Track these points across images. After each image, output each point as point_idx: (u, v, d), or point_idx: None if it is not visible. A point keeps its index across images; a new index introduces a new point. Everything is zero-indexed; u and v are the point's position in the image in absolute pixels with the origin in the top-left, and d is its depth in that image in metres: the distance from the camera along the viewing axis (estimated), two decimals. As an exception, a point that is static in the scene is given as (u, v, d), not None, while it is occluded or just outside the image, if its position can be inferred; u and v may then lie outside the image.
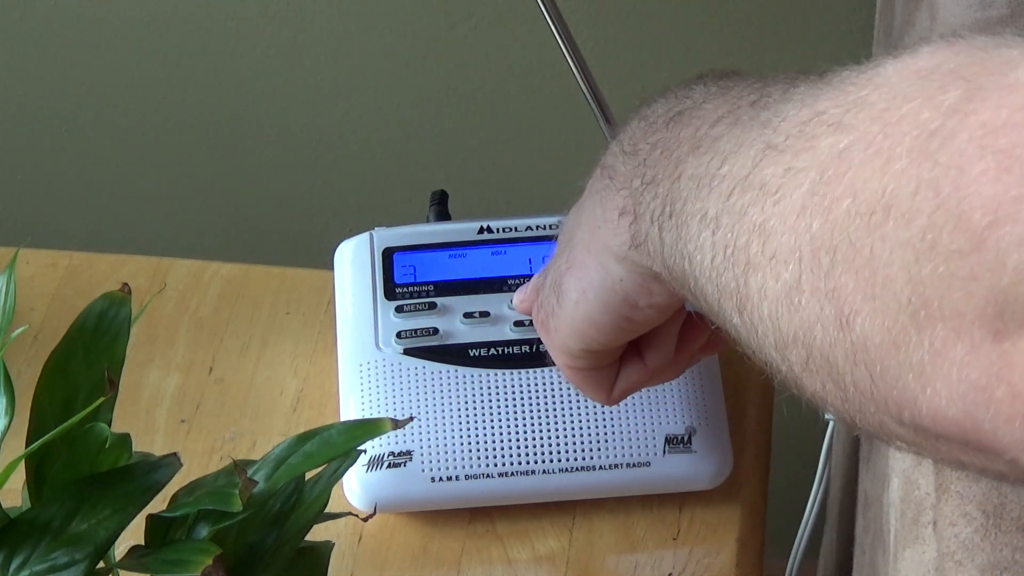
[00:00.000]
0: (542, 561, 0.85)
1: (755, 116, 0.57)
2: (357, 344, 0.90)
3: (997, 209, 0.43)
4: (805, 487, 1.07)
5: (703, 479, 0.87)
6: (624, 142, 0.69)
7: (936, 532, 0.63)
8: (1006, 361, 0.44)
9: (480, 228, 0.93)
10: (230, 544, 0.62)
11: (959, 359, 0.45)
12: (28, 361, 0.91)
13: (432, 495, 0.85)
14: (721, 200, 0.56)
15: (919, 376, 0.47)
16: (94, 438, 0.60)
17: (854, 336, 0.49)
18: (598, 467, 0.86)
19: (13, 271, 0.64)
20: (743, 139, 0.56)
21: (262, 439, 0.90)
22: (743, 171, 0.54)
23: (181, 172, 1.47)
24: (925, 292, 0.46)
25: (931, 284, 0.45)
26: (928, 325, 0.46)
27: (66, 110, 1.44)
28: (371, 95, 1.39)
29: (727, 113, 0.59)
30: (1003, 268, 0.43)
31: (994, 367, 0.45)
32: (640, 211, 0.65)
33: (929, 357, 0.46)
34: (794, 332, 0.52)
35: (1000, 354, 0.44)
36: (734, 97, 0.60)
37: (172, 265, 1.00)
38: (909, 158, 0.46)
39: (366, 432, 0.63)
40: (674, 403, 0.87)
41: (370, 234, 0.94)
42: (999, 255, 0.43)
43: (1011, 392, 0.44)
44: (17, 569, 0.58)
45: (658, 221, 0.62)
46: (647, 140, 0.66)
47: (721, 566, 0.84)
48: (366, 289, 0.91)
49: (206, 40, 1.37)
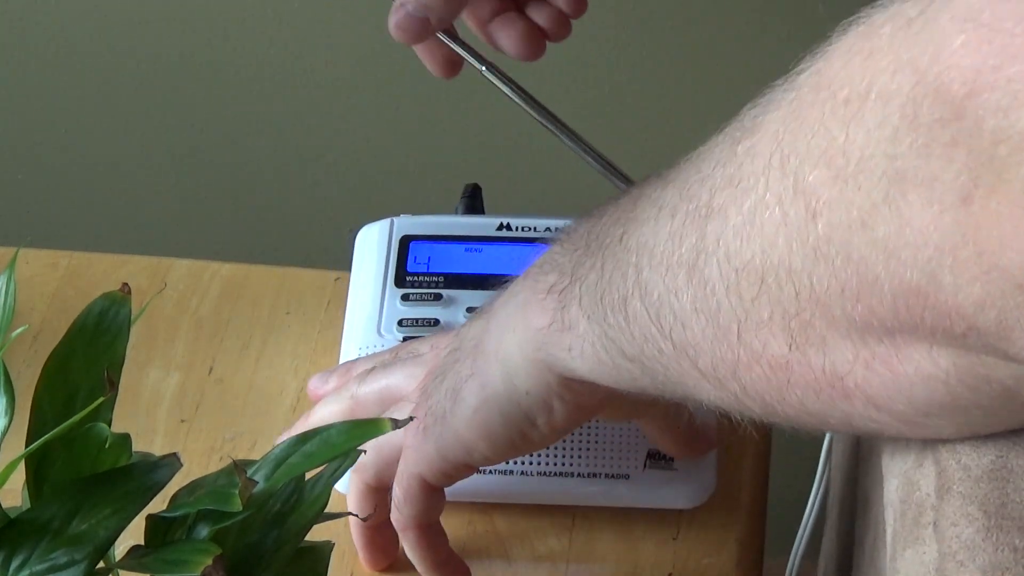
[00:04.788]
0: (542, 561, 0.85)
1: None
2: (361, 328, 0.90)
3: (976, 78, 0.45)
4: (805, 487, 1.07)
5: (681, 498, 0.85)
6: (544, 265, 0.71)
7: (937, 532, 0.63)
8: (973, 222, 0.46)
9: (500, 224, 0.93)
10: (230, 544, 0.62)
11: (927, 223, 0.46)
12: (28, 361, 0.91)
13: None
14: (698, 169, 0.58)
15: (883, 250, 0.48)
16: (94, 438, 0.60)
17: (820, 228, 0.50)
18: (577, 474, 0.85)
19: (13, 271, 0.64)
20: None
21: (262, 439, 0.90)
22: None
23: (181, 172, 1.47)
24: (901, 165, 0.47)
25: (908, 156, 0.47)
26: (899, 195, 0.47)
27: (66, 110, 1.44)
28: (371, 95, 1.39)
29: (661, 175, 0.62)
30: (981, 133, 0.45)
31: (961, 228, 0.46)
32: (574, 281, 0.67)
33: (896, 228, 0.47)
34: (752, 255, 0.54)
35: (968, 215, 0.46)
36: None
37: (172, 265, 1.00)
38: (890, 45, 0.48)
39: (366, 432, 0.63)
40: None
41: (391, 220, 0.94)
42: (977, 121, 0.45)
43: (976, 251, 0.46)
44: (17, 569, 0.58)
45: (596, 270, 0.65)
46: (571, 245, 0.69)
47: (721, 566, 0.84)
48: (378, 274, 0.91)
49: (207, 39, 1.37)
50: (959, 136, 0.45)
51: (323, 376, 0.86)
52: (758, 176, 0.53)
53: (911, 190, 0.47)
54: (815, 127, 0.51)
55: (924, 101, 0.46)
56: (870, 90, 0.48)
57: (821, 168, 0.50)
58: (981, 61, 0.45)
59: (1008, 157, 0.44)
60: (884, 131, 0.48)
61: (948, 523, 0.62)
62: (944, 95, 0.46)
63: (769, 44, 1.32)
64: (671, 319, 0.60)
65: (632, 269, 0.62)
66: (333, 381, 0.85)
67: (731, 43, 1.34)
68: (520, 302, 0.71)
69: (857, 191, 0.49)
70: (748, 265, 0.54)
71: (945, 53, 0.45)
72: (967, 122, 0.45)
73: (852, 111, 0.49)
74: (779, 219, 0.52)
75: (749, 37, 1.34)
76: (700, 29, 1.34)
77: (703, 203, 0.57)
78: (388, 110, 1.41)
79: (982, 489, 0.61)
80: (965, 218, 0.46)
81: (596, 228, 0.67)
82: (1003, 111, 0.44)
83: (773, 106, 0.54)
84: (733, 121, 0.57)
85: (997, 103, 0.44)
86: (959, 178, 0.46)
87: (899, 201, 0.47)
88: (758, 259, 0.54)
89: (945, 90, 0.45)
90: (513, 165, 1.43)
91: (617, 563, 0.85)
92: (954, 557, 0.70)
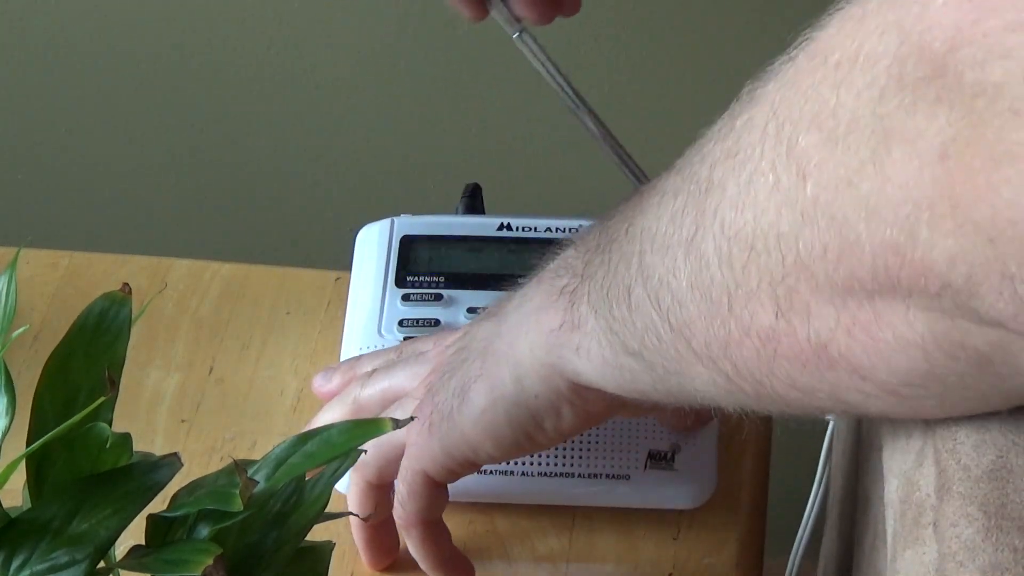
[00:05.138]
0: (542, 561, 0.85)
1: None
2: (361, 328, 0.90)
3: (956, 35, 0.46)
4: (805, 487, 1.07)
5: (681, 499, 0.85)
6: (558, 269, 0.71)
7: (937, 533, 0.63)
8: (949, 176, 0.46)
9: (500, 224, 0.93)
10: (230, 544, 0.62)
11: (908, 179, 0.48)
12: (28, 361, 0.91)
13: None
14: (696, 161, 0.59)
15: (865, 207, 0.49)
16: (94, 438, 0.60)
17: (808, 190, 0.51)
18: (577, 475, 0.85)
19: (13, 271, 0.64)
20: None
21: (262, 439, 0.90)
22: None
23: (181, 172, 1.47)
24: (887, 124, 0.48)
25: (895, 115, 0.48)
26: (885, 152, 0.48)
27: (66, 110, 1.44)
28: (371, 95, 1.39)
29: (671, 175, 0.62)
30: (961, 87, 0.46)
31: (939, 182, 0.47)
32: (584, 280, 0.68)
33: (879, 184, 0.48)
34: (744, 223, 0.54)
35: (945, 170, 0.47)
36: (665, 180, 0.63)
37: (172, 265, 1.00)
38: (878, 8, 0.49)
39: (366, 432, 0.63)
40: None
41: (391, 220, 0.94)
42: (957, 76, 0.46)
43: (951, 205, 0.47)
44: (17, 569, 0.58)
45: (609, 269, 0.65)
46: (584, 247, 0.69)
47: (721, 566, 0.84)
48: (379, 274, 0.91)
49: (207, 39, 1.37)
50: (942, 92, 0.46)
51: (326, 374, 0.86)
52: (754, 146, 0.54)
53: (896, 147, 0.48)
54: (808, 92, 0.52)
55: (909, 60, 0.47)
56: (859, 53, 0.49)
57: (812, 132, 0.51)
58: (960, 17, 0.46)
59: (984, 111, 0.45)
60: (872, 91, 0.49)
61: (948, 523, 0.62)
62: (927, 53, 0.47)
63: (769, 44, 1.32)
64: (669, 299, 0.61)
65: (636, 257, 0.63)
66: (336, 379, 0.85)
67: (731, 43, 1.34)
68: (534, 307, 0.71)
69: (846, 151, 0.50)
70: (740, 233, 0.55)
71: (928, 12, 0.47)
72: (949, 78, 0.46)
73: (842, 74, 0.50)
74: (771, 185, 0.53)
75: (749, 37, 1.34)
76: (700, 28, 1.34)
77: (703, 179, 0.58)
78: (388, 110, 1.41)
79: (982, 489, 0.61)
80: (942, 173, 0.47)
81: (607, 227, 0.67)
82: (979, 64, 0.45)
83: (770, 77, 0.56)
84: (734, 100, 0.58)
85: (974, 57, 0.45)
86: (940, 134, 0.47)
87: (884, 158, 0.48)
88: (749, 227, 0.55)
89: (928, 48, 0.47)
90: (513, 165, 1.43)
91: (617, 563, 0.85)
92: (954, 557, 0.70)
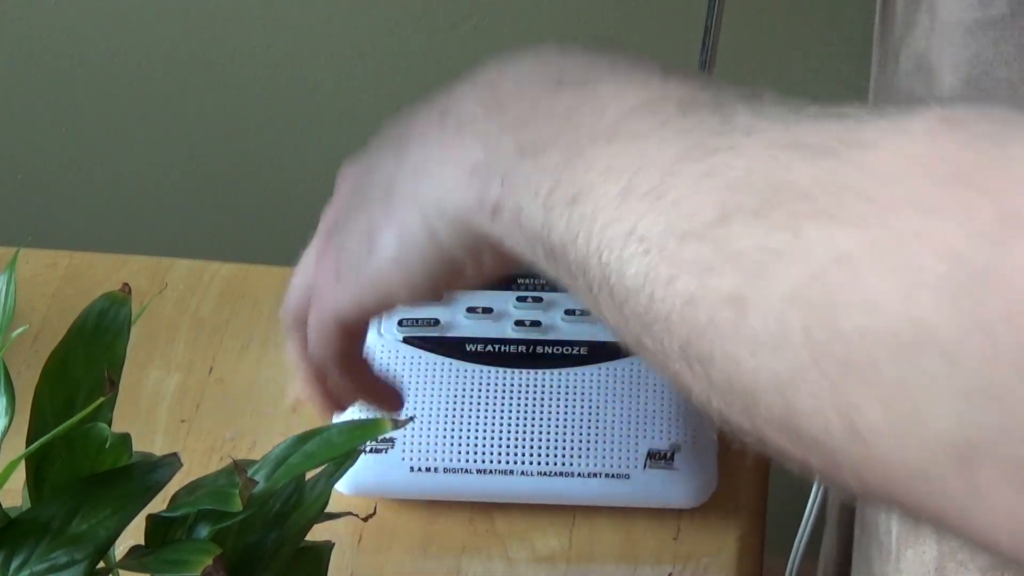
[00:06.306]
0: (542, 561, 0.85)
1: (689, 118, 0.50)
2: None
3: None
4: (805, 487, 1.07)
5: (680, 498, 0.86)
6: (481, 89, 0.60)
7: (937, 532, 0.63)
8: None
9: None
10: (230, 544, 0.62)
11: (1007, 503, 0.42)
12: (28, 361, 0.91)
13: (410, 484, 0.85)
14: (664, 236, 0.48)
15: (953, 504, 0.43)
16: (94, 438, 0.60)
17: (868, 451, 0.44)
18: (577, 474, 0.85)
19: (13, 271, 0.64)
20: (679, 150, 0.49)
21: (262, 439, 0.90)
22: (691, 209, 0.48)
23: (181, 172, 1.47)
24: (975, 436, 0.42)
25: (985, 430, 0.41)
26: (970, 469, 0.42)
27: (66, 110, 1.44)
28: (371, 95, 1.39)
29: (643, 104, 0.53)
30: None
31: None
32: (509, 179, 0.56)
33: (967, 496, 0.42)
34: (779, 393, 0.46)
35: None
36: (642, 82, 0.54)
37: (172, 265, 1.00)
38: (946, 292, 0.42)
39: (366, 432, 0.63)
40: (662, 416, 0.86)
41: None
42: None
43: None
44: (17, 569, 0.58)
45: (545, 200, 0.54)
46: (522, 97, 0.58)
47: (721, 566, 0.84)
48: None
49: (207, 40, 1.37)
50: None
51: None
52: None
53: (984, 467, 0.42)
54: (854, 348, 0.44)
55: (1008, 379, 0.41)
56: (926, 340, 0.43)
57: (871, 400, 0.44)
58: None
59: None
60: (958, 402, 0.42)
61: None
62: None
63: (769, 46, 1.32)
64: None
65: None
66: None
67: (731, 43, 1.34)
68: (438, 159, 0.61)
69: (917, 443, 0.44)
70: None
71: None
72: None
73: (908, 353, 0.43)
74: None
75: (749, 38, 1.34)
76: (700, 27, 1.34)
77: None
78: (388, 110, 1.41)
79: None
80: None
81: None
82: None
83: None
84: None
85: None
86: None
87: (969, 474, 0.43)
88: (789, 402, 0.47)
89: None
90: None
91: (617, 563, 0.85)
92: (954, 557, 0.70)
